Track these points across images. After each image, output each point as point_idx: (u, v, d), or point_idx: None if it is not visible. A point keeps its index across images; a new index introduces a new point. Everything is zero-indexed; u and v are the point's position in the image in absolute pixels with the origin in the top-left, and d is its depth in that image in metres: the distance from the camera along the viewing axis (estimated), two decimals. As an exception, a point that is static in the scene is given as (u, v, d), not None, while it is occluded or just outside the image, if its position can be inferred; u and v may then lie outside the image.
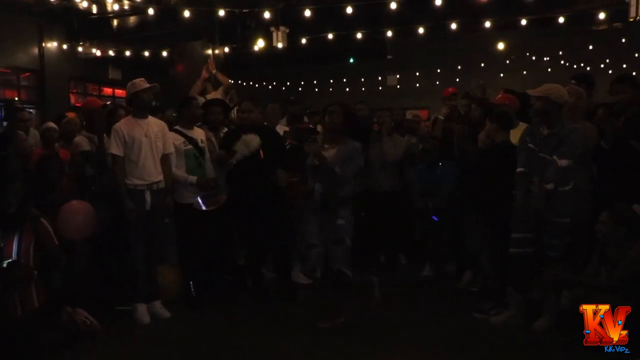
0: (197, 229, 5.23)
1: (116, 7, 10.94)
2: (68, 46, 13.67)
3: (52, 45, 13.59)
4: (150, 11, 10.22)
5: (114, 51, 13.52)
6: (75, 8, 11.43)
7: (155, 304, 5.05)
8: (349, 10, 9.71)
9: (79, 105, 13.21)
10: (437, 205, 5.99)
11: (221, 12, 10.06)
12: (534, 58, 14.62)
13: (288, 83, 16.54)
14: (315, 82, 16.58)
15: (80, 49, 13.68)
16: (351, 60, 15.62)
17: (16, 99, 13.38)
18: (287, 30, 11.26)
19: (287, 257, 5.68)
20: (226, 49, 12.07)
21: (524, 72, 14.29)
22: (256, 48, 11.65)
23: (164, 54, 13.11)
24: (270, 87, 16.67)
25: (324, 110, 5.57)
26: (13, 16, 12.29)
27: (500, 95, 5.84)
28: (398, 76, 16.34)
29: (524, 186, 4.57)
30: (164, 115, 6.63)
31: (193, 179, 5.26)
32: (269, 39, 11.33)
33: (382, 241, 6.72)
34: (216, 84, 7.91)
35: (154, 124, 5.07)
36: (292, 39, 11.46)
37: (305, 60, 14.41)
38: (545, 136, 4.51)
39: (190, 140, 5.35)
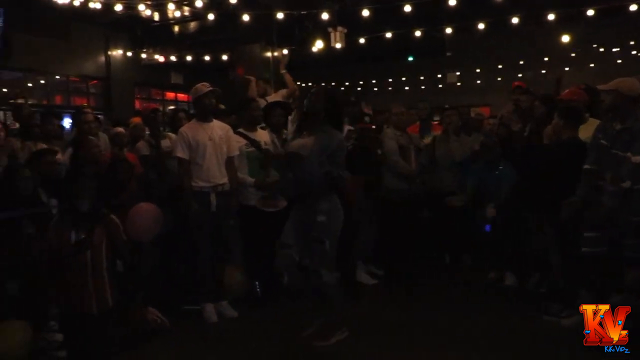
0: (262, 229, 5.26)
1: (177, 13, 11.19)
2: (132, 53, 14.15)
3: (117, 53, 14.10)
4: (210, 16, 10.41)
5: (176, 56, 13.90)
6: (138, 17, 11.79)
7: (222, 303, 5.14)
8: (407, 8, 9.62)
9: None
10: (496, 207, 5.86)
11: (280, 15, 10.15)
12: (601, 50, 14.11)
13: (347, 83, 16.54)
14: (374, 81, 16.53)
15: (143, 55, 14.15)
16: (410, 59, 15.49)
17: (85, 104, 13.94)
18: (345, 31, 11.26)
19: (351, 257, 5.65)
20: (284, 51, 12.19)
21: (591, 65, 13.81)
22: (314, 49, 11.71)
23: (224, 57, 13.36)
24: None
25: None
26: (82, 27, 12.83)
27: (567, 90, 5.67)
28: (458, 73, 16.09)
29: (588, 184, 4.42)
30: (227, 117, 6.73)
31: (251, 180, 5.30)
32: (327, 39, 11.37)
33: (446, 241, 6.63)
34: (277, 86, 7.97)
35: (218, 127, 5.14)
36: (350, 39, 11.46)
37: (364, 59, 14.40)
38: (617, 131, 4.32)
39: (253, 142, 5.39)
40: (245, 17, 10.01)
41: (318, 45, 11.57)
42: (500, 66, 14.86)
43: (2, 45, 11.56)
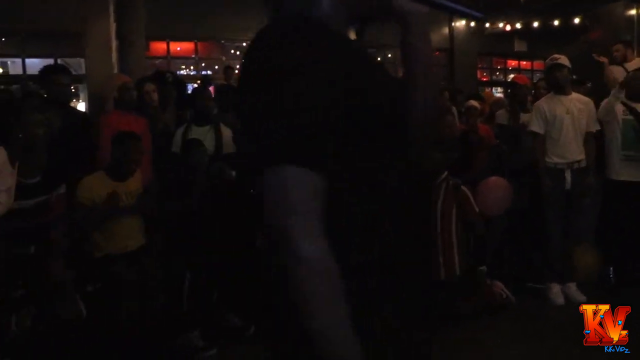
0: (624, 210, 4.91)
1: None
2: (476, 23, 14.16)
3: (460, 24, 14.32)
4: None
5: (521, 23, 13.46)
6: (489, -15, 11.69)
7: (569, 285, 4.92)
8: None
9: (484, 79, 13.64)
10: None
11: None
12: None
13: None
14: None
15: (487, 24, 14.02)
16: None
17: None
18: None
19: None
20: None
21: None
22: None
23: (575, 21, 12.45)
24: None
25: None
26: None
27: None
28: None
29: None
30: (581, 87, 6.31)
31: None
32: None
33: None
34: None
35: (577, 100, 4.92)
36: None
37: None
38: None
39: (631, 110, 5.00)
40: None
41: None
42: None
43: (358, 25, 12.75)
